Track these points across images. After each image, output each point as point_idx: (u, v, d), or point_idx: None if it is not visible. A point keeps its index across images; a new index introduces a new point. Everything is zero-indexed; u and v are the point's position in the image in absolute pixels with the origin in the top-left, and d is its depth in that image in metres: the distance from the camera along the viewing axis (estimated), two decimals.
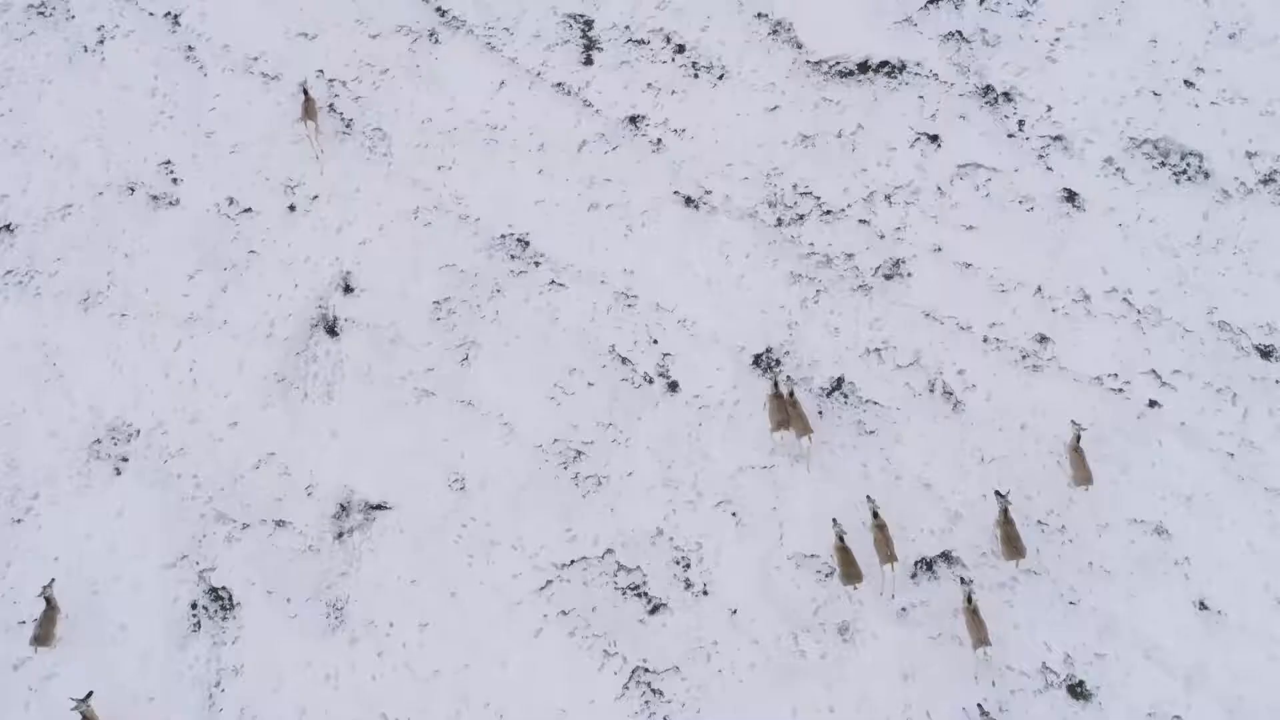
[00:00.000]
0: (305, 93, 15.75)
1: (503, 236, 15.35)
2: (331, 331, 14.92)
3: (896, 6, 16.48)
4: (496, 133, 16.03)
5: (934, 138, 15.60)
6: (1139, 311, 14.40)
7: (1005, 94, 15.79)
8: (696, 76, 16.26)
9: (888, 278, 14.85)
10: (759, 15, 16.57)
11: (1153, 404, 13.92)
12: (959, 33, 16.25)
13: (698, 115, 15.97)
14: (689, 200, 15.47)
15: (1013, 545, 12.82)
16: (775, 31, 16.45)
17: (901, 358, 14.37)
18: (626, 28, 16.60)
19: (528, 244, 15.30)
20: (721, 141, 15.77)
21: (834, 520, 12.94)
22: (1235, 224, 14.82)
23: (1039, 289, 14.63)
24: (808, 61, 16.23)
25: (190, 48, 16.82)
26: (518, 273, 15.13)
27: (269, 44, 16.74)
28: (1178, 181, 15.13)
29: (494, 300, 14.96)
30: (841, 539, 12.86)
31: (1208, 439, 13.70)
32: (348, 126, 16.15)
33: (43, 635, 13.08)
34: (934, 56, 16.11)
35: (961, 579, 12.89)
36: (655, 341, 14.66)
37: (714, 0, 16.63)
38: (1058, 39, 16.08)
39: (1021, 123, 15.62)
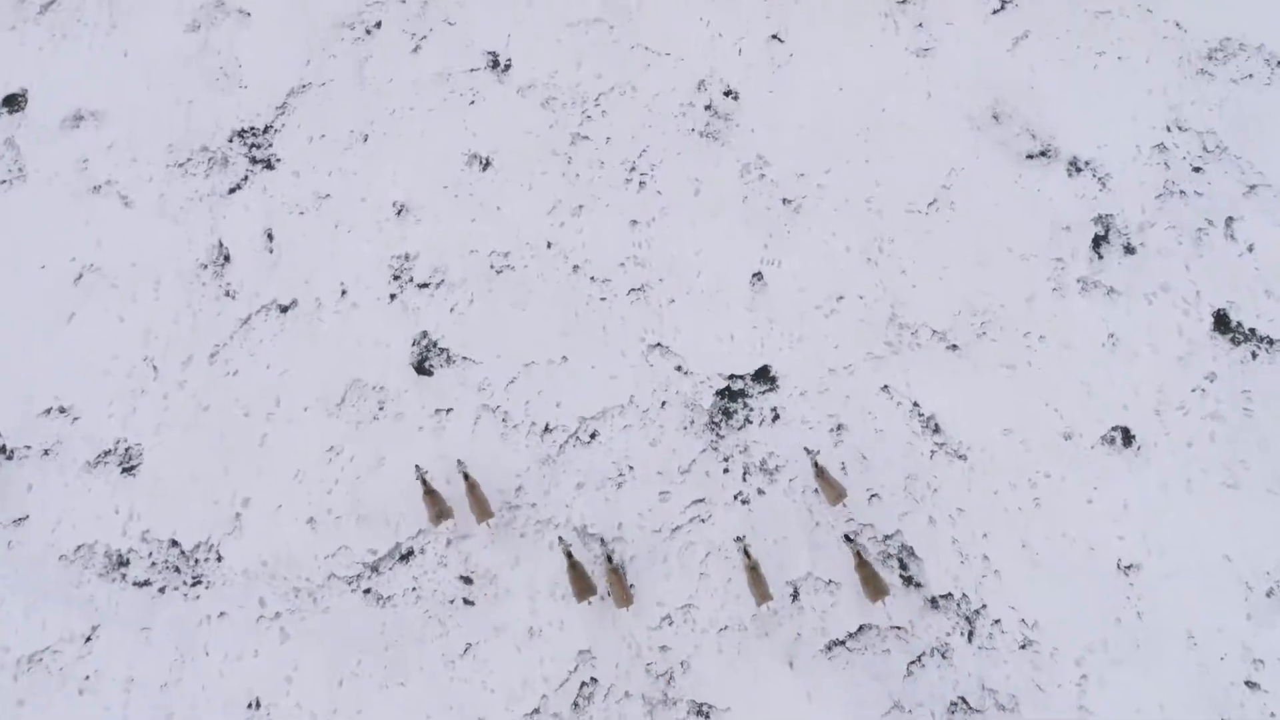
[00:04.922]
0: None
1: None
2: None
3: (873, 684, 12.13)
4: None
5: None
6: None
7: None
8: None
9: None
10: None
11: None
12: (963, 700, 12.07)
13: None
14: None
15: (873, 585, 11.60)
16: None
17: None
18: None
19: None
20: None
21: None
22: None
23: None
24: None
25: None
26: None
27: None
28: None
29: None
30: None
31: None
32: None
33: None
34: None
35: (737, 537, 11.31)
36: None
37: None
38: (1084, 675, 12.14)
39: None
